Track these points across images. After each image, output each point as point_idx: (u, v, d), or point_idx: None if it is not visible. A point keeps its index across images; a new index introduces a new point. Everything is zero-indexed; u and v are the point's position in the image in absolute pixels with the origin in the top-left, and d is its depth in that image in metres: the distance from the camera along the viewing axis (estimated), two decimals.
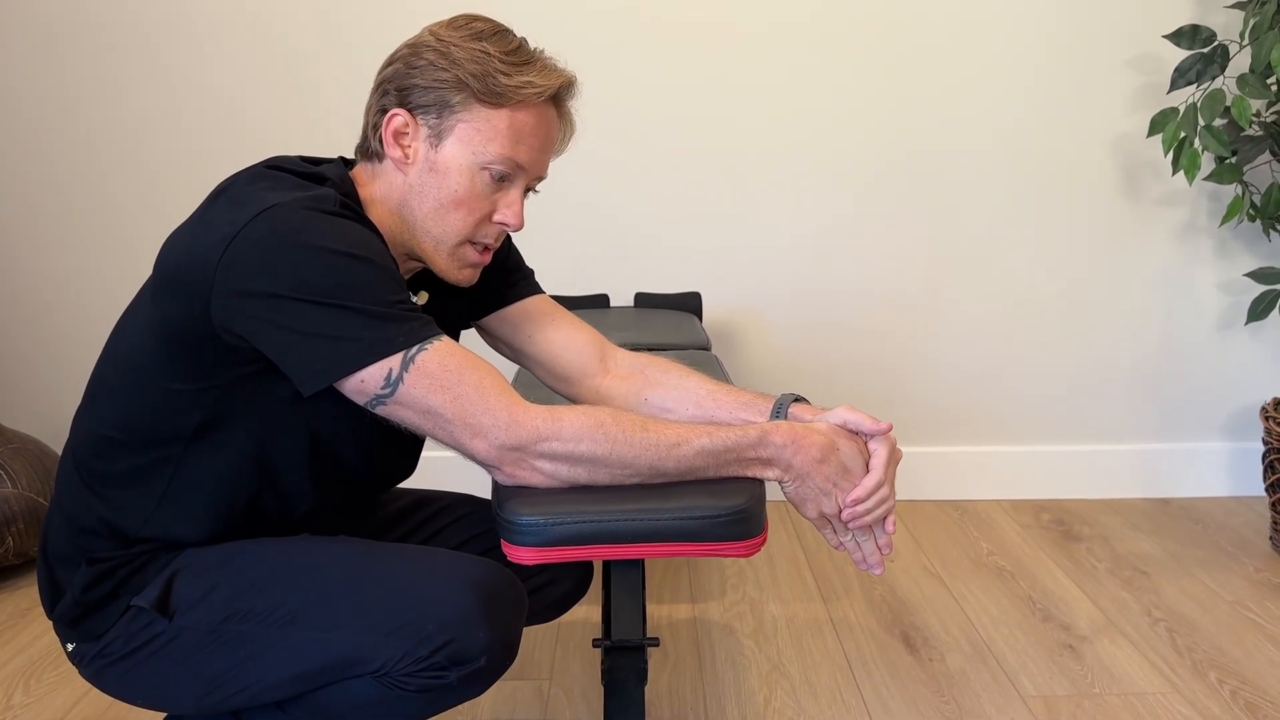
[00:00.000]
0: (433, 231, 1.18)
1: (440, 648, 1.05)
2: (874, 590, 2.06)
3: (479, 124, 1.14)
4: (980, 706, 1.64)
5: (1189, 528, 2.37)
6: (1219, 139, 2.09)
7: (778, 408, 1.25)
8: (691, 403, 1.30)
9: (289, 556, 1.14)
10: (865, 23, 2.36)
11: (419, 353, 1.05)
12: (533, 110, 1.15)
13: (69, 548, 1.18)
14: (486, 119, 1.14)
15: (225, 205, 1.08)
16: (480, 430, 1.06)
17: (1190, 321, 2.51)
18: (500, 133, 1.14)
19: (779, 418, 1.24)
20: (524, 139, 1.16)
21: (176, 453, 1.13)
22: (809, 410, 1.25)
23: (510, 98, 1.13)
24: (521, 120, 1.15)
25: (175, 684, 1.15)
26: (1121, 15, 2.35)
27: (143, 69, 2.38)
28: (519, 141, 1.15)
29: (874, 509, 1.16)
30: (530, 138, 1.16)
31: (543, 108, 1.17)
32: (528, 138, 1.16)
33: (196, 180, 2.43)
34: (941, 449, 2.55)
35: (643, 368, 1.36)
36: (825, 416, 1.22)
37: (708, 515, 1.05)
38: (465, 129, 1.14)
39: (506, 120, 1.14)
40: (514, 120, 1.14)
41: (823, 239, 2.46)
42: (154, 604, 1.13)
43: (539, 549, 1.05)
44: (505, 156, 1.15)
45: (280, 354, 1.05)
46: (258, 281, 1.02)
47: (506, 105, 1.14)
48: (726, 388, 1.31)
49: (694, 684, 1.73)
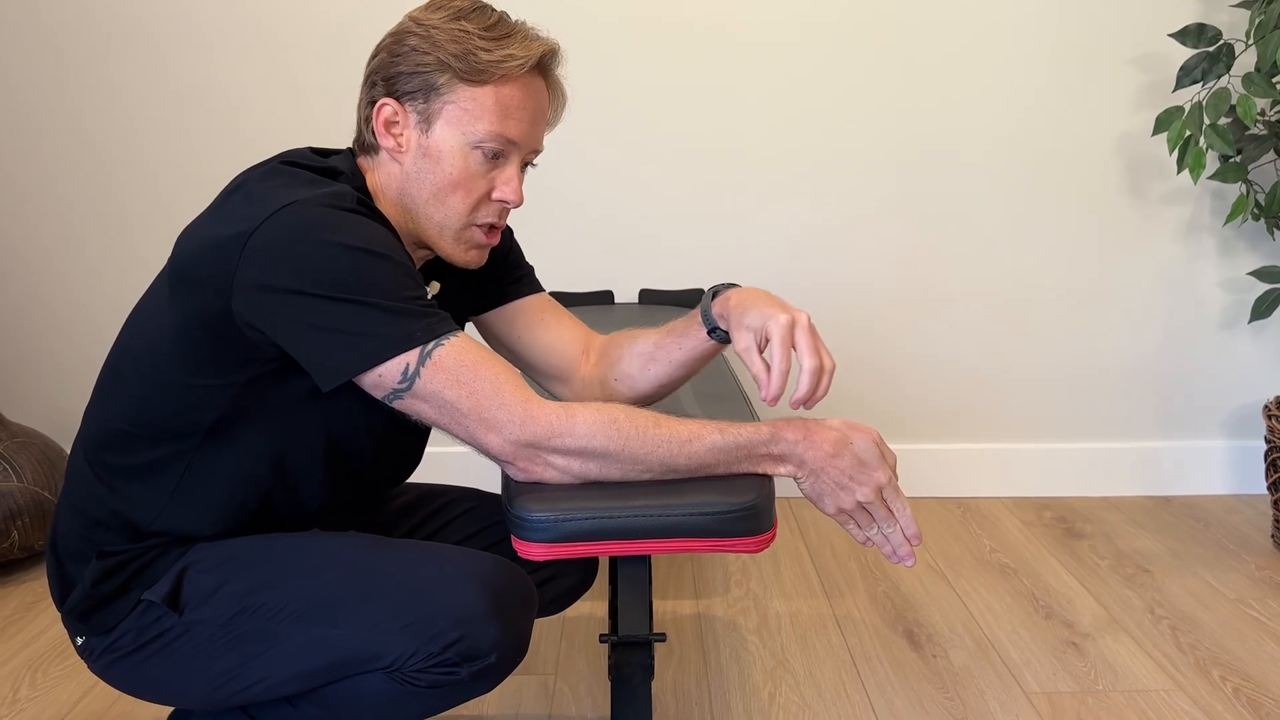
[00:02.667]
0: (434, 217, 1.18)
1: (452, 644, 1.06)
2: (877, 587, 2.07)
3: (465, 103, 1.14)
4: (984, 703, 1.65)
5: (1191, 525, 2.37)
6: (1224, 138, 2.10)
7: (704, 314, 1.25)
8: (645, 359, 1.31)
9: (300, 552, 1.15)
10: (868, 22, 2.36)
11: (436, 348, 1.05)
12: (518, 83, 1.15)
13: (79, 541, 1.18)
14: (472, 97, 1.13)
15: (242, 201, 1.08)
16: (495, 425, 1.06)
17: (1193, 319, 2.51)
18: (488, 110, 1.14)
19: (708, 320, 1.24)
20: (512, 113, 1.15)
21: (190, 447, 1.13)
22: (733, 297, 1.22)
23: (493, 73, 1.13)
24: (508, 94, 1.14)
25: (185, 678, 1.15)
26: (1125, 14, 2.36)
27: (148, 67, 2.38)
28: (507, 116, 1.15)
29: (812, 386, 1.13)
30: (519, 111, 1.15)
31: (528, 79, 1.16)
32: (516, 111, 1.15)
33: (201, 176, 2.43)
34: (944, 446, 2.56)
35: (604, 349, 1.36)
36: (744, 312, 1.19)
37: (718, 511, 1.06)
38: (453, 110, 1.14)
39: (492, 96, 1.14)
40: (500, 95, 1.14)
41: (826, 236, 2.47)
42: (165, 598, 1.13)
43: (550, 545, 1.05)
44: (495, 133, 1.14)
45: (299, 350, 1.05)
46: (277, 277, 1.02)
47: (490, 81, 1.13)
48: (667, 327, 1.31)
49: (699, 679, 1.73)
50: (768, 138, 2.42)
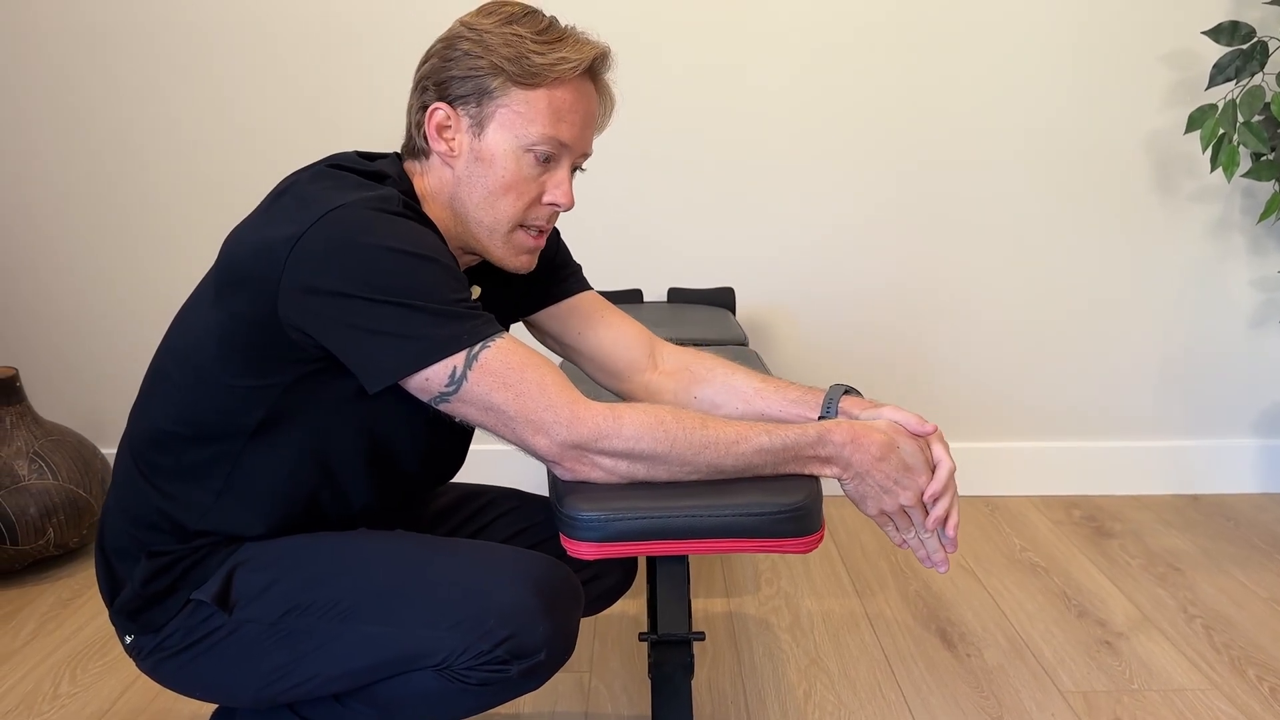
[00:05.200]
0: (485, 220, 1.19)
1: (502, 641, 1.07)
2: (908, 586, 2.07)
3: (519, 106, 1.14)
4: (1020, 702, 1.65)
5: (1220, 524, 2.37)
6: (1258, 136, 2.09)
7: (828, 403, 1.26)
8: (740, 399, 1.31)
9: (348, 551, 1.16)
10: (896, 24, 2.36)
11: (482, 350, 1.06)
12: (570, 86, 1.16)
13: (127, 541, 1.19)
14: (525, 101, 1.14)
15: (291, 204, 1.09)
16: (542, 427, 1.07)
17: (1222, 317, 2.50)
18: (540, 113, 1.14)
19: (830, 413, 1.25)
20: (564, 116, 1.16)
21: (237, 448, 1.14)
22: (859, 404, 1.25)
23: (546, 76, 1.14)
24: (560, 98, 1.15)
25: (234, 677, 1.16)
26: (1155, 11, 2.35)
27: (193, 69, 2.39)
28: (560, 119, 1.16)
29: (948, 504, 1.17)
30: (570, 114, 1.16)
31: (579, 83, 1.17)
32: (568, 114, 1.16)
33: (235, 177, 2.44)
34: (972, 444, 2.56)
35: (689, 364, 1.36)
36: (874, 413, 1.22)
37: (767, 512, 1.06)
38: (506, 113, 1.15)
39: (545, 99, 1.14)
40: (552, 98, 1.15)
41: (853, 237, 2.47)
42: (214, 598, 1.14)
43: (600, 544, 1.06)
44: (548, 136, 1.15)
45: (346, 351, 1.06)
46: (325, 280, 1.03)
47: (543, 84, 1.14)
48: (774, 383, 1.32)
49: (733, 678, 1.74)
50: (797, 138, 2.42)
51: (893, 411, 1.20)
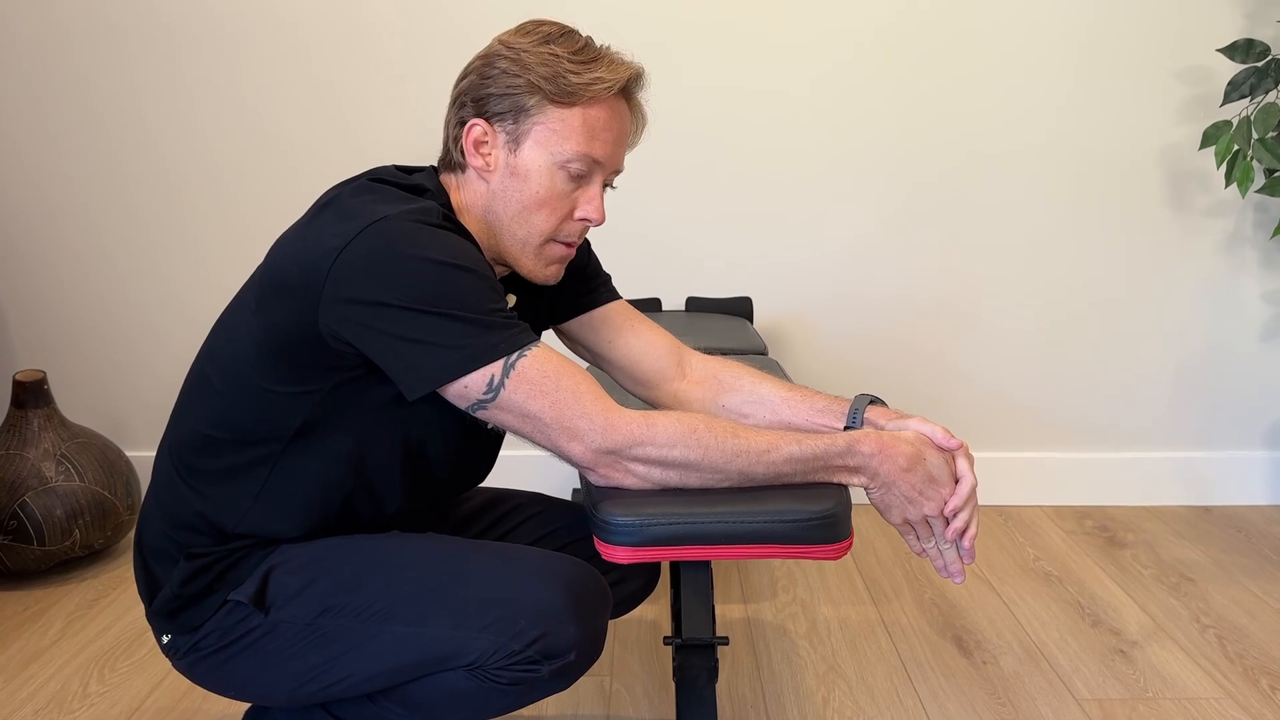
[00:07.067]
0: (518, 234, 1.22)
1: (533, 641, 1.09)
2: (924, 593, 2.09)
3: (554, 124, 1.17)
4: (1036, 709, 1.67)
5: (1231, 535, 2.38)
6: (1273, 152, 2.11)
7: (854, 413, 1.28)
8: (767, 409, 1.34)
9: (382, 553, 1.18)
10: (912, 34, 2.39)
11: (519, 359, 1.08)
12: (604, 105, 1.19)
13: (166, 542, 1.22)
14: (561, 119, 1.17)
15: (334, 216, 1.12)
16: (577, 434, 1.09)
17: (1234, 330, 2.52)
18: (575, 130, 1.17)
19: (855, 423, 1.27)
20: (598, 134, 1.19)
21: (275, 452, 1.17)
22: (885, 414, 1.28)
23: (581, 95, 1.17)
24: (594, 116, 1.18)
25: (269, 676, 1.19)
26: (1169, 27, 2.37)
27: (204, 71, 2.42)
28: (594, 137, 1.19)
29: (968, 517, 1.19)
30: (604, 132, 1.19)
31: (613, 102, 1.20)
32: (602, 132, 1.19)
33: (258, 183, 2.47)
34: (985, 454, 2.58)
35: (717, 372, 1.39)
36: (900, 424, 1.25)
37: (799, 519, 1.09)
38: (541, 130, 1.18)
39: (580, 118, 1.17)
40: (587, 117, 1.18)
41: (869, 246, 2.49)
42: (251, 598, 1.16)
43: (634, 549, 1.08)
44: (582, 153, 1.18)
45: (386, 360, 1.09)
46: (367, 290, 1.06)
47: (579, 103, 1.17)
48: (801, 392, 1.34)
49: (752, 683, 1.76)
50: (815, 147, 2.44)
51: (919, 423, 1.23)
